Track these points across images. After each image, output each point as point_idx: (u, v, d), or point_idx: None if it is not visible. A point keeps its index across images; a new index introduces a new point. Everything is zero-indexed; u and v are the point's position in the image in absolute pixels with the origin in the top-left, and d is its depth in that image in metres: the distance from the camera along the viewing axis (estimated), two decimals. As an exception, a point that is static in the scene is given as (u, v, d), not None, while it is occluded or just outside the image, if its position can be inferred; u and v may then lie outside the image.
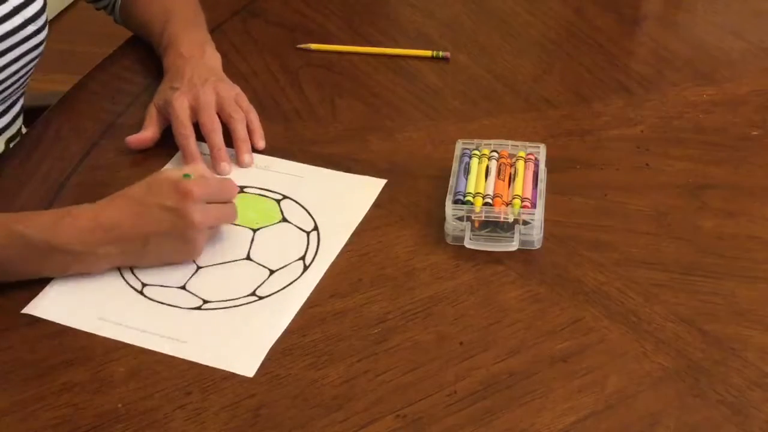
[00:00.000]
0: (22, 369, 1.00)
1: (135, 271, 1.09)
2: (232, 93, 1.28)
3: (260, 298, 1.07)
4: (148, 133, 1.26)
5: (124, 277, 1.09)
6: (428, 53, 1.44)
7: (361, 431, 0.94)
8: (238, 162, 1.24)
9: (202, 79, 1.27)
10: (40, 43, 1.33)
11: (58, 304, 1.06)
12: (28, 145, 1.30)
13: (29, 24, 1.29)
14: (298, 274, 1.09)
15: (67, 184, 1.23)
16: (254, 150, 1.26)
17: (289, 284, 1.08)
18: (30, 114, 1.42)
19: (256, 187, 1.20)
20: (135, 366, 1.00)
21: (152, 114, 1.27)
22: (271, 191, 1.20)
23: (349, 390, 0.97)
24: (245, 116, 1.27)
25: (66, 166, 1.25)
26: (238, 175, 1.22)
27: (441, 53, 1.44)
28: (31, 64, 1.34)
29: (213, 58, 1.34)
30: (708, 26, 1.52)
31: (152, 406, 0.96)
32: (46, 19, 1.34)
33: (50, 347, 1.02)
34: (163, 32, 1.36)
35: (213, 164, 1.23)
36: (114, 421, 0.95)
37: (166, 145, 1.27)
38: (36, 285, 1.08)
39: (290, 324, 1.04)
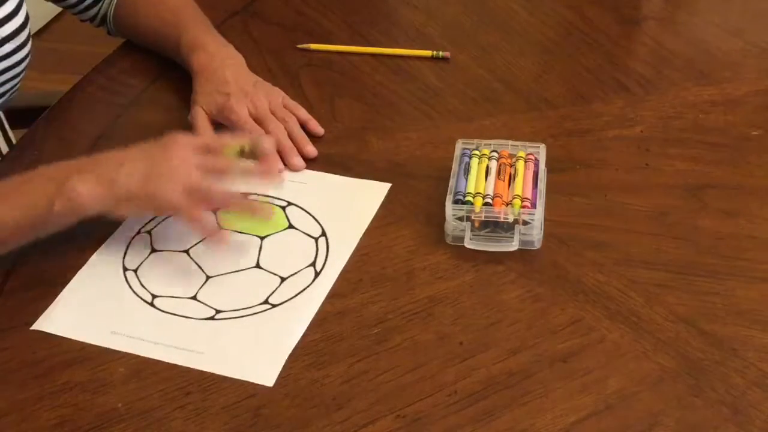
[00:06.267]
0: (22, 369, 1.00)
1: (143, 281, 1.09)
2: (279, 98, 1.30)
3: (273, 306, 1.06)
4: None
5: (132, 289, 1.08)
6: (428, 53, 1.44)
7: (361, 431, 0.94)
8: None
9: (249, 84, 1.29)
10: (22, 60, 1.32)
11: (69, 319, 1.05)
12: (28, 145, 1.30)
13: (6, 43, 1.29)
14: (310, 281, 1.09)
15: (67, 184, 1.23)
16: (314, 136, 1.28)
17: (302, 291, 1.08)
18: (29, 114, 1.42)
19: (260, 194, 1.20)
20: (135, 366, 1.00)
21: (204, 118, 1.27)
22: (275, 198, 1.20)
23: (349, 390, 0.97)
24: (294, 115, 1.29)
25: (66, 166, 1.25)
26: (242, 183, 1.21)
27: (441, 53, 1.44)
28: (13, 82, 1.33)
29: (241, 59, 1.35)
30: (708, 26, 1.52)
31: (152, 406, 0.96)
32: (29, 35, 1.33)
33: (50, 347, 1.02)
34: (181, 36, 1.36)
35: (287, 161, 1.23)
36: (114, 421, 0.95)
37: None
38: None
39: (290, 324, 1.04)
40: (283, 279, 1.09)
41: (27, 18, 1.33)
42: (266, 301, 1.07)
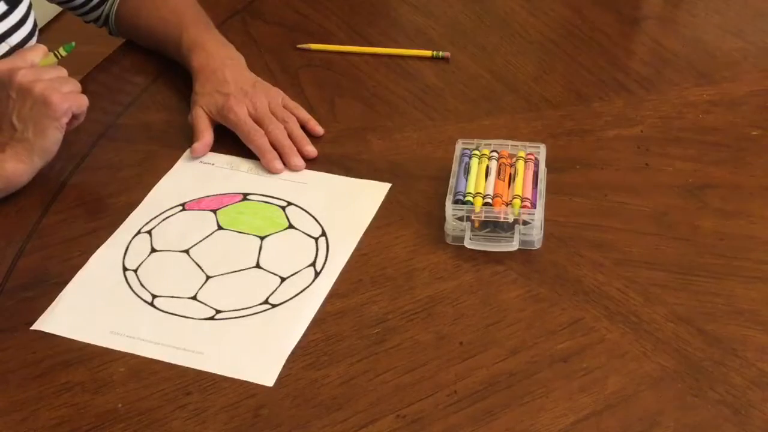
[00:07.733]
0: (22, 369, 1.00)
1: (143, 281, 1.09)
2: (279, 98, 1.30)
3: (273, 306, 1.06)
4: (209, 138, 1.27)
5: (132, 289, 1.08)
6: (428, 53, 1.44)
7: (361, 431, 0.94)
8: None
9: (249, 85, 1.30)
10: None
11: (69, 319, 1.05)
12: (28, 145, 1.30)
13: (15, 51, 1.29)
14: (310, 281, 1.09)
15: (67, 184, 1.23)
16: (314, 136, 1.28)
17: (302, 291, 1.08)
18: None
19: (260, 194, 1.20)
20: (135, 366, 1.00)
21: (204, 118, 1.27)
22: (275, 198, 1.20)
23: (349, 390, 0.97)
24: (294, 115, 1.29)
25: (66, 166, 1.25)
26: (241, 183, 1.22)
27: (441, 53, 1.44)
28: None
29: (241, 59, 1.35)
30: (708, 26, 1.52)
31: (152, 406, 0.96)
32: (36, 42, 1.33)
33: (50, 347, 1.02)
34: (182, 35, 1.36)
35: (287, 161, 1.24)
36: (114, 421, 0.95)
37: (165, 143, 1.27)
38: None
39: (290, 324, 1.04)
40: (283, 279, 1.09)
41: (35, 25, 1.33)
42: (266, 301, 1.07)
